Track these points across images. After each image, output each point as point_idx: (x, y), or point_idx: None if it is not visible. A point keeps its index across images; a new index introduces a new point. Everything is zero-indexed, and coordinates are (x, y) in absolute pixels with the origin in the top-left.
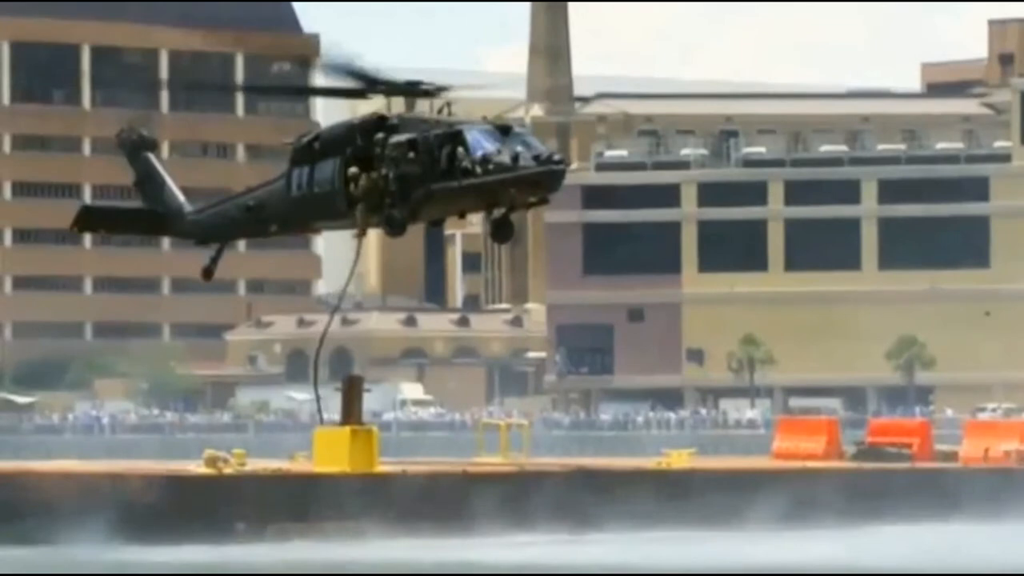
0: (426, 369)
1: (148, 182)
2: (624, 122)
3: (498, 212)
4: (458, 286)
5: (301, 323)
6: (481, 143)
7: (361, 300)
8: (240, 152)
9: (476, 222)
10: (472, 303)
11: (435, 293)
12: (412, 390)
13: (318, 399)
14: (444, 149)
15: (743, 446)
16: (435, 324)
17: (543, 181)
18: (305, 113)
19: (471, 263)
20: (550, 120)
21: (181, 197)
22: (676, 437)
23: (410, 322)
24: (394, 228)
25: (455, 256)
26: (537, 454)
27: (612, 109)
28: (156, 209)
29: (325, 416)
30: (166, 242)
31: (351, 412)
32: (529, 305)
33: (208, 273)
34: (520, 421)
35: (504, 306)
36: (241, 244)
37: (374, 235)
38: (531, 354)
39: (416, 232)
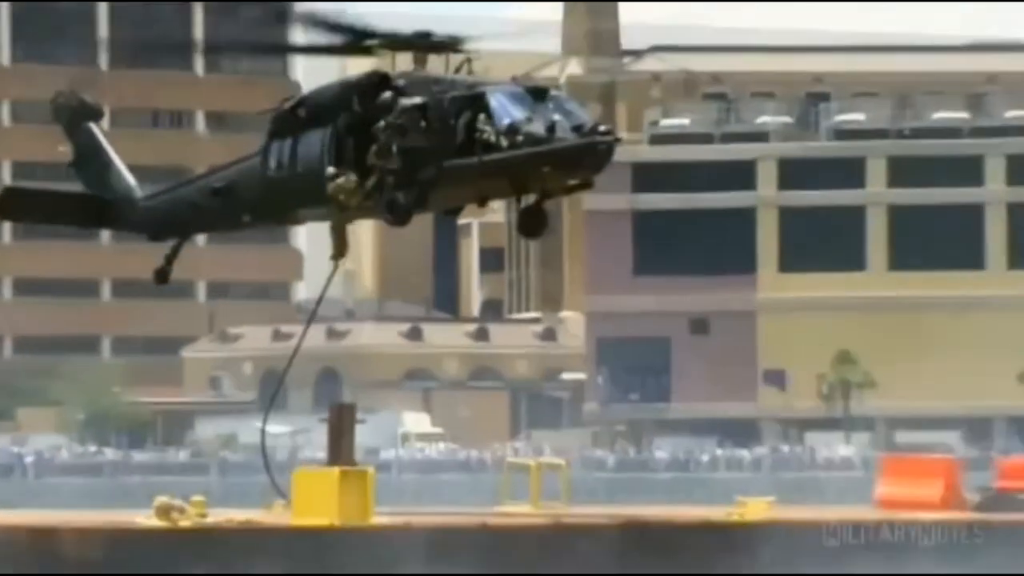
0: (434, 394)
1: (90, 160)
2: (685, 83)
3: (528, 198)
4: (475, 290)
5: (277, 336)
6: (508, 110)
7: (352, 307)
8: (200, 121)
9: (499, 209)
10: (493, 311)
11: (446, 298)
12: (417, 421)
13: (264, 449)
14: (461, 117)
15: (836, 492)
16: (446, 337)
17: (586, 159)
18: (282, 71)
19: (492, 260)
20: (591, 80)
21: (130, 179)
22: (751, 481)
23: (414, 335)
24: (397, 216)
25: (471, 252)
26: (577, 502)
27: (669, 66)
28: (99, 194)
29: (292, 472)
30: (106, 235)
31: (340, 449)
32: (564, 314)
33: (163, 275)
34: (554, 461)
35: (533, 315)
36: (202, 237)
37: (370, 226)
38: (567, 376)
39: (423, 222)
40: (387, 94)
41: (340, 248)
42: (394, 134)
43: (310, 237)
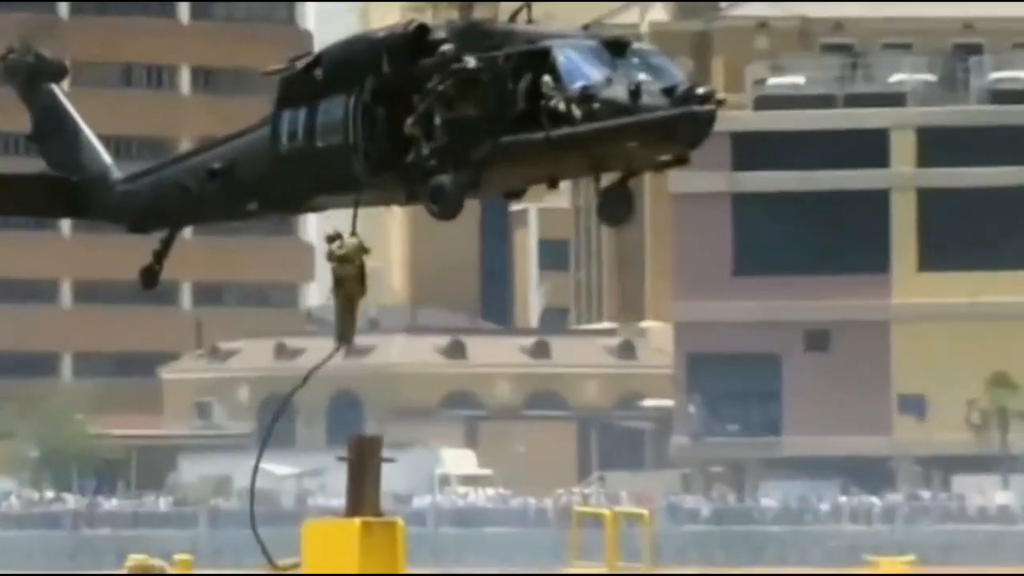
0: (481, 426)
1: (53, 131)
2: (799, 31)
3: (607, 178)
4: (532, 293)
5: (281, 352)
6: (580, 69)
7: (377, 315)
8: (185, 79)
9: (562, 190)
10: (555, 321)
11: (496, 305)
12: (460, 460)
13: (252, 498)
14: (521, 80)
15: (991, 549)
16: (496, 354)
17: (681, 130)
18: (288, 18)
19: (554, 257)
20: (681, 28)
21: (105, 156)
22: (884, 535)
23: (456, 351)
24: (444, 205)
25: (528, 246)
26: (663, 562)
27: (780, 10)
28: (65, 175)
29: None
30: (66, 225)
31: (362, 496)
32: (646, 324)
33: (151, 276)
34: (635, 510)
35: (606, 326)
36: (187, 227)
37: (400, 214)
38: (649, 402)
39: (467, 208)
40: (428, 51)
41: (348, 329)
42: (438, 103)
43: (322, 226)
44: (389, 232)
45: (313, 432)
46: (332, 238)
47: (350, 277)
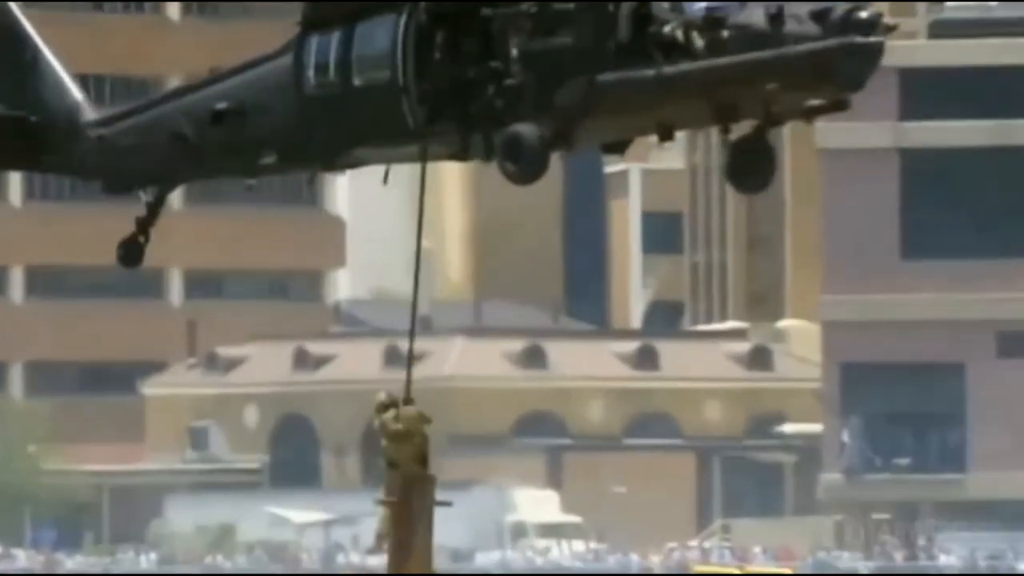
0: (567, 458)
1: (6, 57)
2: None
3: (738, 129)
4: (634, 283)
5: (301, 360)
6: None
7: (430, 313)
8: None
9: (679, 143)
10: (665, 320)
11: (585, 298)
12: (538, 503)
13: None
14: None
15: None
16: (586, 363)
17: (838, 68)
18: None
19: (663, 234)
20: None
21: (74, 91)
22: None
23: (533, 358)
24: (522, 163)
25: (628, 220)
26: None
27: None
28: (22, 114)
29: None
30: (15, 189)
31: (408, 550)
32: (785, 323)
33: (133, 251)
34: (773, 571)
35: (732, 325)
36: (176, 195)
37: (457, 180)
38: (788, 427)
39: (550, 169)
40: None
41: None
42: (516, 27)
43: (357, 194)
44: (444, 199)
45: (344, 466)
46: (385, 406)
47: (407, 459)
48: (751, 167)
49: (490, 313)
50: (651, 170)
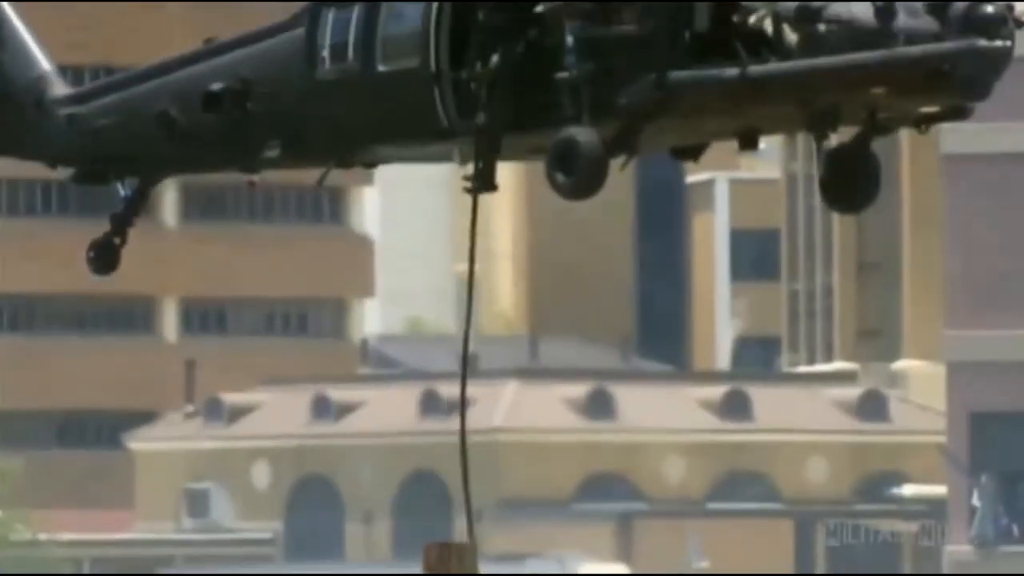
0: (639, 525)
1: None
2: None
3: (837, 136)
4: (721, 316)
5: (321, 408)
6: None
7: (477, 351)
8: None
9: (772, 148)
10: (757, 360)
11: (662, 334)
12: None
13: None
14: None
15: None
16: (662, 411)
17: (959, 74)
18: None
19: (756, 256)
20: None
21: (43, 60)
22: None
23: (599, 406)
24: (576, 173)
25: (714, 238)
26: None
27: None
28: None
29: None
30: None
31: None
32: (902, 364)
33: (107, 254)
34: None
35: (840, 367)
36: (170, 207)
37: (509, 195)
38: (907, 489)
39: (617, 181)
40: None
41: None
42: (572, 13)
43: (388, 208)
44: (491, 213)
45: (372, 535)
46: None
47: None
48: (851, 183)
49: (548, 351)
50: (741, 180)
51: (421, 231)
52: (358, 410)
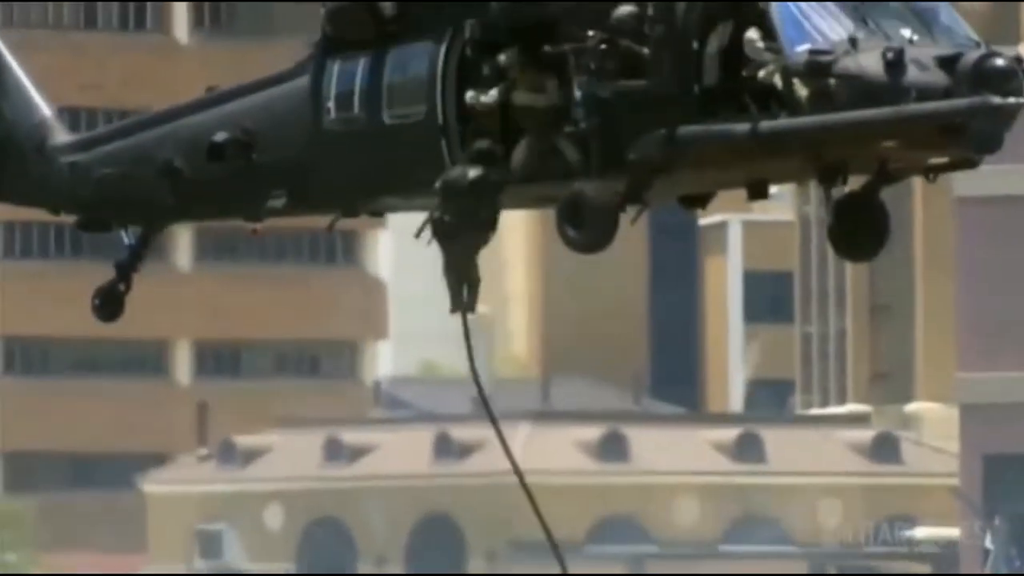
0: (651, 570)
1: None
2: None
3: (846, 185)
4: (734, 358)
5: (334, 451)
6: (807, 20)
7: (487, 392)
8: (180, 17)
9: (782, 194)
10: (770, 402)
11: (675, 376)
12: None
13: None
14: (713, 37)
15: None
16: (675, 453)
17: (969, 130)
18: None
19: (768, 298)
20: None
21: (43, 106)
22: None
23: (611, 448)
24: (586, 227)
25: (726, 280)
26: None
27: None
28: None
29: None
30: None
31: None
32: (915, 406)
33: (111, 302)
34: None
35: (853, 409)
36: (184, 249)
37: (523, 233)
38: (920, 532)
39: (633, 225)
40: None
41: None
42: (580, 65)
43: (401, 250)
44: (504, 253)
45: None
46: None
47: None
48: (860, 231)
49: (560, 393)
50: (754, 222)
51: (434, 273)
52: (371, 453)
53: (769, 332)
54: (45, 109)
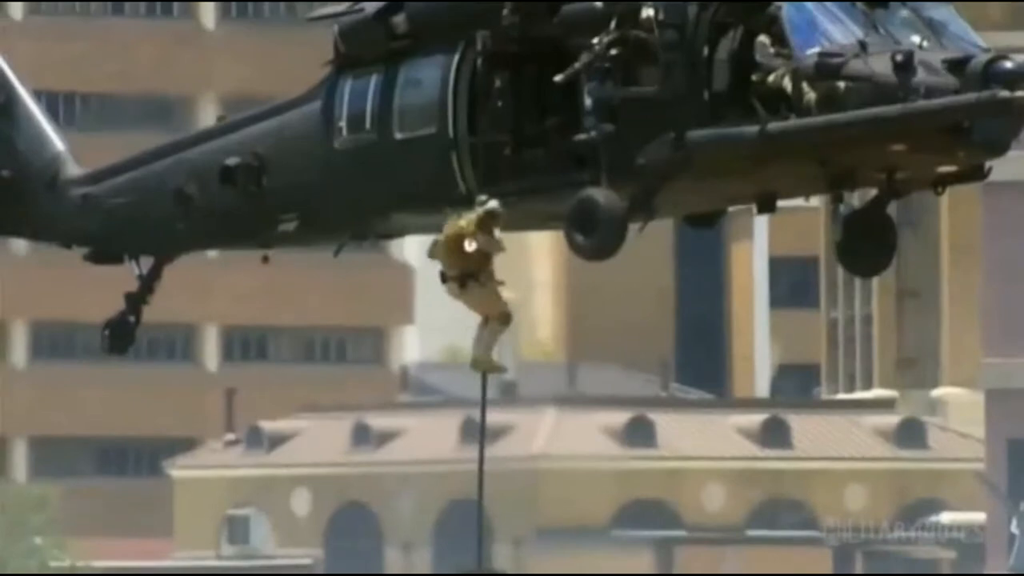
0: (680, 554)
1: None
2: None
3: (855, 197)
4: (760, 343)
5: (361, 436)
6: (817, 25)
7: (515, 377)
8: (208, 6)
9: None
10: (796, 388)
11: (701, 361)
12: None
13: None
14: (724, 41)
15: None
16: (701, 438)
17: (977, 128)
18: None
19: (794, 284)
20: None
21: (56, 140)
22: None
23: (638, 433)
24: (597, 234)
25: (752, 267)
26: None
27: None
28: None
29: None
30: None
31: None
32: (941, 392)
33: (120, 333)
34: None
35: (878, 394)
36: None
37: (545, 235)
38: (946, 517)
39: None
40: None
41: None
42: (590, 73)
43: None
44: (529, 241)
45: (413, 563)
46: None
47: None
48: (868, 246)
49: (586, 378)
50: (780, 208)
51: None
52: (398, 438)
53: (795, 318)
54: (59, 144)
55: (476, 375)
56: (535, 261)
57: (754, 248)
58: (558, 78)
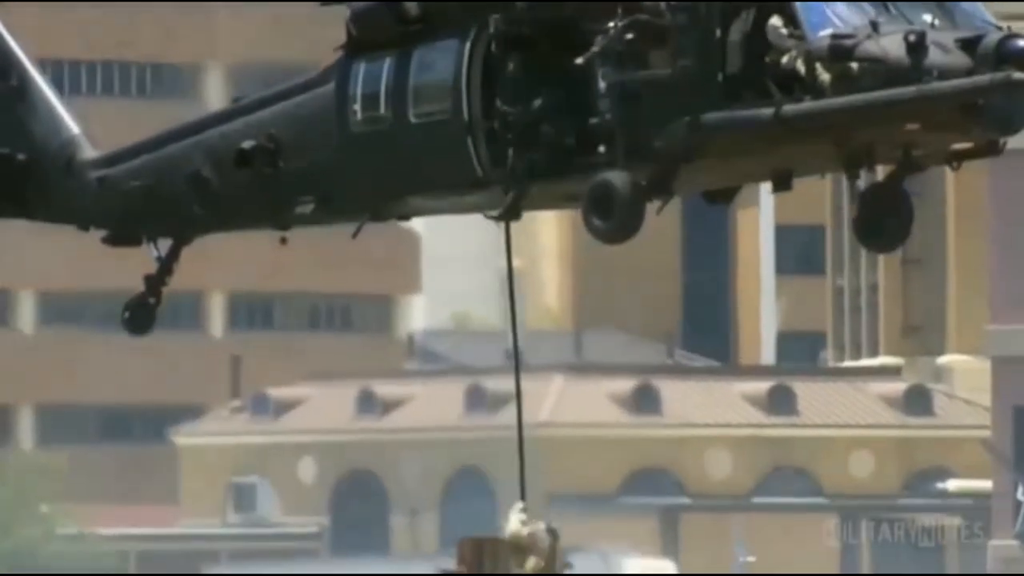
0: (685, 519)
1: None
2: None
3: (869, 174)
4: (765, 312)
5: (367, 402)
6: (829, 7)
7: (521, 345)
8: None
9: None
10: (801, 354)
11: (707, 329)
12: (653, 573)
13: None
14: (737, 24)
15: None
16: (707, 406)
17: (991, 108)
18: None
19: (800, 252)
20: None
21: (70, 123)
22: None
23: (644, 400)
24: (613, 216)
25: (758, 234)
26: None
27: None
28: (8, 152)
29: None
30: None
31: None
32: (947, 359)
33: (140, 315)
34: None
35: (884, 361)
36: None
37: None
38: (952, 484)
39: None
40: None
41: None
42: (604, 56)
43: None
44: (538, 221)
45: (418, 530)
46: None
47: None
48: (885, 221)
49: (593, 346)
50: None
51: (467, 227)
52: (404, 405)
53: (801, 285)
54: (73, 127)
55: (482, 343)
56: (542, 228)
57: (760, 215)
58: (579, 60)
